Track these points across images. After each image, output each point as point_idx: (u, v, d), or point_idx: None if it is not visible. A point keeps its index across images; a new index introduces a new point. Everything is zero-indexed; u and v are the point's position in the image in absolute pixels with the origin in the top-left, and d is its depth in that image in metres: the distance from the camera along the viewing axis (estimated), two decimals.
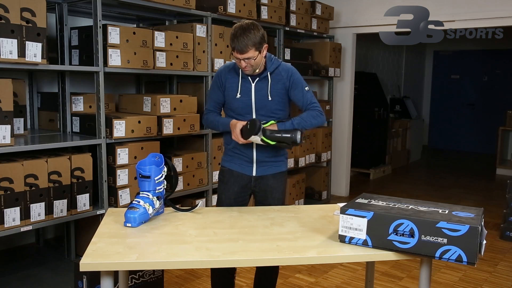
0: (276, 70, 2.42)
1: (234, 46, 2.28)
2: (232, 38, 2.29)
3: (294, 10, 4.78)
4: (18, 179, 2.74)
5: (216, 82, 2.48)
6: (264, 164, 2.45)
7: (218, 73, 2.50)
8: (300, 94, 2.45)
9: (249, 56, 2.28)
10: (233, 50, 2.31)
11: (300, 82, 2.48)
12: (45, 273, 3.37)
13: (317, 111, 2.44)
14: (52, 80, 3.73)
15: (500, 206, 4.84)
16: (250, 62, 2.30)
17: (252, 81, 2.41)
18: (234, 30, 2.28)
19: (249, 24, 2.28)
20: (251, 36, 2.25)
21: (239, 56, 2.29)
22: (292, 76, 2.45)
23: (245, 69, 2.35)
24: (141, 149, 3.38)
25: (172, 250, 1.77)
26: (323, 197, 5.56)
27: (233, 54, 2.32)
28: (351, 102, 5.86)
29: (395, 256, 1.79)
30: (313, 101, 2.46)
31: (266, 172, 2.46)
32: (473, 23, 4.76)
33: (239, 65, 2.36)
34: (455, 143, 9.92)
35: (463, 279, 3.49)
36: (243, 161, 2.45)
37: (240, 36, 2.25)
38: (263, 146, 2.39)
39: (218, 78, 2.48)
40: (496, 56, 9.23)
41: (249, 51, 2.26)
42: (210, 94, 2.54)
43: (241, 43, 2.25)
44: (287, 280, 3.42)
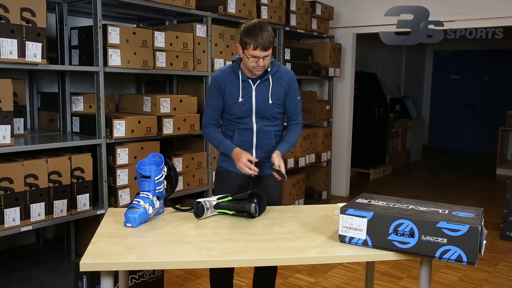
0: (277, 73, 2.39)
1: (258, 43, 2.18)
2: (253, 35, 2.18)
3: (294, 10, 4.78)
4: (18, 179, 2.74)
5: (214, 88, 2.39)
6: (262, 165, 2.43)
7: (216, 79, 2.40)
8: (293, 103, 2.45)
9: (270, 53, 2.23)
10: (254, 49, 2.19)
11: (297, 90, 2.46)
12: (45, 273, 3.37)
13: (300, 126, 2.51)
14: (52, 80, 3.73)
15: (500, 206, 4.84)
16: (266, 61, 2.25)
17: (252, 84, 2.36)
18: (251, 27, 2.20)
19: (261, 21, 2.24)
20: (270, 32, 2.21)
21: (261, 54, 2.21)
22: (292, 83, 2.42)
23: (258, 70, 2.28)
24: (141, 149, 3.38)
25: (172, 250, 1.77)
26: (323, 197, 5.56)
27: (252, 52, 2.21)
28: (351, 102, 5.86)
29: (395, 256, 1.79)
30: (300, 115, 2.50)
31: (264, 172, 2.43)
32: (473, 23, 4.77)
33: (253, 66, 2.26)
34: (455, 143, 9.91)
35: (463, 279, 3.49)
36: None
37: (261, 32, 2.18)
38: (261, 145, 2.40)
39: (216, 83, 2.39)
40: (496, 56, 9.23)
41: (271, 47, 2.21)
42: (208, 102, 2.43)
43: (265, 39, 2.18)
44: (287, 280, 3.42)
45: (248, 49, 2.21)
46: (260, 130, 2.38)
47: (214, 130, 2.43)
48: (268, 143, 2.42)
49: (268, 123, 2.40)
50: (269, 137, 2.42)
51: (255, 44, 2.18)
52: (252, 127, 2.37)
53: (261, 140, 2.40)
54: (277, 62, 2.43)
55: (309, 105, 5.33)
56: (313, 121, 5.39)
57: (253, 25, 2.20)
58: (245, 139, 2.39)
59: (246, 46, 2.22)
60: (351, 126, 5.89)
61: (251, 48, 2.20)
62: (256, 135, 2.38)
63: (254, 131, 2.38)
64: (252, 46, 2.19)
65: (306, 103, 5.34)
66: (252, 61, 2.24)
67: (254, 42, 2.18)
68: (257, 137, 2.39)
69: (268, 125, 2.40)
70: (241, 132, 2.38)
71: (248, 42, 2.20)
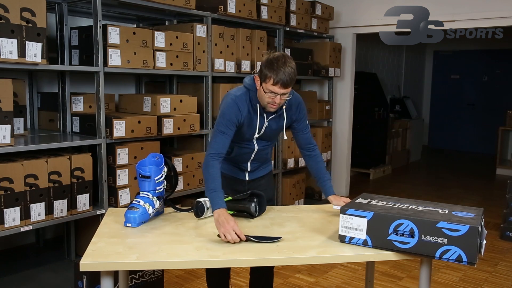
0: (287, 105, 2.26)
1: (279, 79, 2.00)
2: (275, 69, 2.01)
3: (294, 10, 4.78)
4: (18, 179, 2.74)
5: (236, 118, 2.15)
6: (256, 170, 2.45)
7: (237, 109, 2.14)
8: (304, 127, 2.37)
9: (288, 91, 2.08)
10: (274, 84, 2.02)
11: (305, 116, 2.38)
12: (45, 273, 3.37)
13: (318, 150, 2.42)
14: (52, 80, 3.73)
15: (500, 206, 4.84)
16: (283, 98, 2.10)
17: (266, 118, 2.23)
18: (273, 60, 2.03)
19: (285, 55, 2.08)
20: (294, 68, 2.04)
21: (280, 91, 2.04)
22: (301, 111, 2.34)
23: (273, 107, 2.12)
24: (141, 149, 3.38)
25: (172, 250, 1.77)
26: (323, 197, 5.55)
27: (270, 87, 2.04)
28: (351, 102, 5.86)
29: (395, 256, 1.79)
30: (312, 139, 2.42)
31: (257, 175, 2.45)
32: (473, 23, 4.76)
33: (268, 102, 2.10)
34: (455, 143, 9.91)
35: (463, 279, 3.49)
36: (236, 168, 2.42)
37: (284, 66, 2.01)
38: (258, 159, 2.39)
39: (239, 114, 2.15)
40: (496, 56, 9.22)
41: (291, 85, 2.06)
42: (223, 129, 2.14)
43: (288, 76, 2.01)
44: (287, 280, 3.42)
45: (267, 83, 2.05)
46: (260, 150, 2.36)
47: (216, 167, 2.12)
48: (264, 157, 2.44)
49: (268, 143, 2.39)
50: (266, 152, 2.43)
51: (275, 79, 2.01)
52: (253, 147, 2.34)
53: (258, 156, 2.39)
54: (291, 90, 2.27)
55: (309, 105, 5.33)
56: (313, 121, 5.38)
57: (277, 58, 2.04)
58: (244, 155, 2.37)
59: (265, 80, 2.05)
60: (351, 126, 5.89)
61: (270, 82, 2.03)
62: (255, 153, 2.36)
63: (254, 150, 2.35)
64: (272, 81, 2.02)
65: (306, 103, 5.29)
66: (269, 97, 2.08)
67: (275, 77, 2.01)
68: (255, 154, 2.37)
69: (267, 145, 2.39)
70: (241, 149, 2.35)
71: (268, 75, 2.02)
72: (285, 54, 2.11)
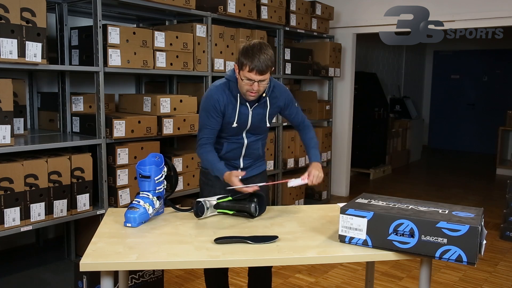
0: (273, 93, 2.30)
1: (254, 65, 2.04)
2: (250, 56, 2.05)
3: (294, 10, 4.78)
4: (18, 179, 2.74)
5: (214, 109, 2.23)
6: (249, 167, 2.44)
7: (216, 98, 2.23)
8: (294, 112, 2.44)
9: (266, 77, 2.11)
10: (250, 71, 2.06)
11: (292, 100, 2.42)
12: (45, 273, 3.37)
13: (310, 125, 2.52)
14: (52, 80, 3.73)
15: (500, 206, 4.84)
16: (261, 86, 2.13)
17: (250, 107, 2.26)
18: (249, 48, 2.07)
19: (262, 42, 2.11)
20: (270, 55, 2.08)
21: (257, 77, 2.08)
22: (287, 98, 2.37)
23: (251, 95, 2.16)
24: (141, 149, 3.38)
25: (172, 250, 1.77)
26: (323, 197, 5.56)
27: (247, 74, 2.08)
28: (351, 102, 5.86)
29: (395, 256, 1.79)
30: (305, 117, 2.51)
31: (250, 174, 2.44)
32: (473, 23, 4.76)
33: (247, 89, 2.14)
34: (455, 143, 9.91)
35: (463, 279, 3.49)
36: (229, 166, 2.40)
37: (259, 53, 2.05)
38: (249, 155, 2.39)
39: (217, 103, 2.23)
40: (496, 56, 9.22)
41: (268, 71, 2.09)
42: (205, 122, 2.26)
43: (263, 62, 2.05)
44: (287, 280, 3.42)
45: (243, 70, 2.08)
46: (250, 144, 2.38)
47: (209, 150, 2.30)
48: (256, 152, 2.44)
49: (258, 137, 2.39)
50: (257, 147, 2.43)
51: (251, 66, 2.05)
52: (242, 142, 2.36)
53: (249, 151, 2.40)
54: (272, 79, 2.32)
55: (309, 105, 5.33)
56: (313, 121, 5.32)
57: (252, 46, 2.08)
58: (234, 150, 2.38)
59: (242, 67, 2.09)
60: (351, 126, 5.89)
61: (246, 69, 2.07)
62: (245, 148, 2.38)
63: (244, 145, 2.37)
64: (248, 68, 2.06)
65: (306, 103, 5.34)
66: (246, 84, 2.12)
67: (250, 64, 2.05)
68: (246, 149, 2.38)
69: (257, 139, 2.40)
70: (230, 145, 2.36)
71: (244, 63, 2.07)
72: (262, 41, 2.14)
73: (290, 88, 5.13)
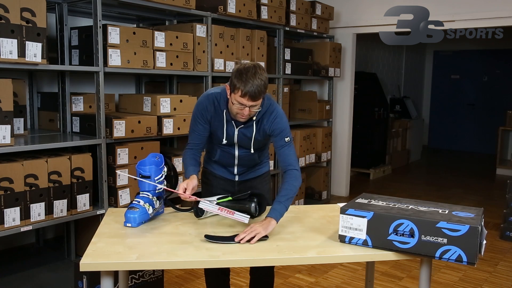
0: (261, 118, 2.18)
1: (246, 91, 1.95)
2: (244, 80, 1.95)
3: (294, 10, 4.78)
4: (18, 179, 2.74)
5: (202, 115, 2.20)
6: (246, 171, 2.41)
7: (205, 106, 2.19)
8: (279, 145, 2.19)
9: (258, 103, 2.03)
10: (242, 96, 1.97)
11: (282, 133, 2.17)
12: (45, 273, 3.37)
13: (297, 173, 2.16)
14: (52, 80, 3.73)
15: (500, 206, 4.84)
16: (253, 110, 2.05)
17: (235, 127, 2.19)
18: (243, 70, 1.97)
19: (256, 66, 2.00)
20: (263, 79, 1.98)
21: (249, 103, 1.99)
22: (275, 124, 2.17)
23: (242, 118, 2.08)
24: (141, 149, 3.38)
25: (172, 250, 1.77)
26: (323, 197, 5.56)
27: (238, 99, 1.99)
28: (351, 102, 5.86)
29: (395, 256, 1.79)
30: (293, 159, 2.19)
31: (248, 176, 2.42)
32: (473, 23, 4.77)
33: (237, 112, 2.06)
34: (455, 143, 9.92)
35: (463, 279, 3.49)
36: (225, 170, 2.41)
37: (253, 78, 1.95)
38: (244, 162, 2.35)
39: (205, 111, 2.19)
40: (496, 56, 9.23)
41: (261, 97, 2.01)
42: (194, 127, 2.25)
43: (256, 88, 1.95)
44: (287, 280, 3.42)
45: (235, 94, 1.99)
46: (242, 156, 2.32)
47: (189, 154, 2.26)
48: (251, 162, 2.38)
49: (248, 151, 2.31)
50: (252, 158, 2.35)
51: (243, 91, 1.96)
52: (233, 153, 2.31)
53: (242, 162, 2.35)
54: (268, 98, 2.18)
55: (309, 105, 5.33)
56: (313, 121, 5.39)
57: (247, 69, 1.97)
58: (226, 159, 2.35)
59: (234, 90, 2.00)
60: (351, 126, 5.89)
61: (238, 94, 1.98)
62: (238, 158, 2.33)
63: (235, 156, 2.32)
64: (240, 93, 1.97)
65: (306, 103, 5.35)
66: (237, 108, 2.04)
67: (243, 89, 1.95)
68: (238, 159, 2.33)
69: (249, 153, 2.32)
70: (223, 153, 2.33)
71: (237, 86, 1.97)
72: (258, 64, 2.03)
73: (290, 88, 5.17)
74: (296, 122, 5.14)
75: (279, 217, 1.99)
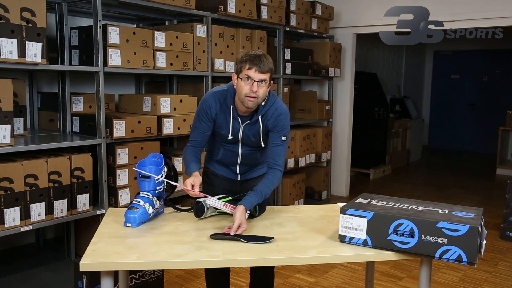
0: (266, 112, 2.23)
1: (254, 64, 2.05)
2: (251, 57, 2.07)
3: (294, 10, 4.78)
4: (18, 179, 2.74)
5: (206, 114, 2.23)
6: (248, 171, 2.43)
7: (209, 104, 2.22)
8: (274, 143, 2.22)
9: (266, 78, 2.08)
10: (249, 68, 2.05)
11: (282, 131, 2.23)
12: (45, 273, 3.37)
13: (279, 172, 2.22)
14: (52, 80, 3.73)
15: (500, 206, 4.84)
16: (261, 89, 2.08)
17: (241, 123, 2.23)
18: (247, 53, 2.10)
19: (264, 53, 2.14)
20: (270, 60, 2.12)
21: (256, 76, 2.05)
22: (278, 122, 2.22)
23: (251, 99, 2.09)
24: (141, 149, 3.38)
25: (172, 250, 1.77)
26: (323, 197, 5.56)
27: (246, 72, 2.06)
28: (351, 102, 5.86)
29: (395, 256, 1.79)
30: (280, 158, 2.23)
31: (250, 176, 2.44)
32: (473, 23, 4.77)
33: (245, 93, 2.08)
34: (455, 143, 9.92)
35: (463, 279, 3.49)
36: (227, 169, 2.42)
37: (260, 56, 2.08)
38: (247, 160, 2.36)
39: (209, 109, 2.22)
40: (496, 56, 9.23)
41: (268, 72, 2.08)
42: (196, 124, 2.28)
43: (263, 62, 2.06)
44: (287, 280, 3.42)
45: (242, 71, 2.07)
46: (245, 154, 2.34)
47: (190, 151, 2.30)
48: (253, 161, 2.40)
49: (252, 149, 2.35)
50: (255, 157, 2.38)
51: (251, 64, 2.05)
52: (236, 151, 2.33)
53: (245, 161, 2.37)
54: (273, 95, 2.26)
55: (309, 105, 5.33)
56: (313, 121, 5.39)
57: (253, 52, 2.12)
58: (229, 158, 2.36)
59: (241, 69, 2.08)
60: (351, 126, 5.89)
61: (246, 67, 2.06)
62: (241, 157, 2.35)
63: (238, 154, 2.34)
64: (248, 65, 2.06)
65: (306, 103, 5.35)
66: (246, 84, 2.07)
67: (250, 63, 2.05)
68: (241, 158, 2.35)
69: (254, 150, 2.36)
70: (226, 152, 2.35)
71: (244, 62, 2.08)
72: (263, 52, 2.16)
73: (290, 88, 5.17)
74: (296, 122, 5.14)
75: (250, 207, 2.07)
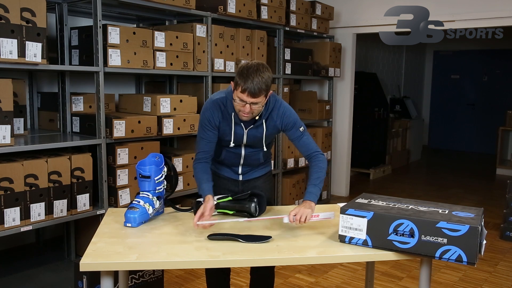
0: (270, 115, 2.22)
1: (246, 87, 1.99)
2: (244, 76, 2.00)
3: (294, 10, 4.78)
4: (18, 179, 2.74)
5: (209, 122, 2.21)
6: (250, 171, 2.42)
7: (210, 113, 2.20)
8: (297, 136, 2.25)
9: (259, 101, 2.05)
10: (242, 92, 2.01)
11: (296, 124, 2.24)
12: (45, 273, 3.37)
13: (321, 156, 2.25)
14: (52, 80, 3.73)
15: (500, 206, 4.84)
16: (254, 108, 2.07)
17: (244, 128, 2.21)
18: (245, 68, 2.02)
19: (260, 64, 2.05)
20: (265, 77, 2.01)
21: (249, 100, 2.02)
22: (286, 120, 2.23)
23: (244, 116, 2.09)
24: (141, 149, 3.38)
25: (172, 250, 1.77)
26: (323, 197, 5.56)
27: (239, 94, 2.03)
28: (351, 102, 5.86)
29: (395, 256, 1.79)
30: (313, 144, 2.27)
31: (252, 176, 2.43)
32: (473, 23, 4.77)
33: (239, 109, 2.08)
34: (455, 143, 9.92)
35: (463, 279, 3.49)
36: (229, 169, 2.41)
37: (254, 75, 1.99)
38: (249, 161, 2.35)
39: (211, 118, 2.20)
40: (496, 56, 9.22)
41: (261, 95, 2.03)
42: (202, 134, 2.24)
43: (256, 84, 1.98)
44: (287, 280, 3.42)
45: (237, 90, 2.04)
46: (248, 155, 2.34)
47: (200, 168, 2.23)
48: (256, 162, 2.40)
49: (255, 150, 2.34)
50: (257, 158, 2.38)
51: (243, 87, 2.00)
52: (240, 153, 2.32)
53: (248, 161, 2.37)
54: (273, 96, 2.21)
55: (309, 105, 5.33)
56: (313, 121, 5.39)
57: (249, 66, 2.02)
58: (232, 159, 2.35)
59: (236, 86, 2.05)
60: (351, 126, 5.89)
61: (239, 90, 2.02)
62: (244, 158, 2.34)
63: (241, 156, 2.33)
64: (240, 88, 2.01)
65: (306, 103, 5.34)
66: (238, 104, 2.06)
67: (243, 85, 1.99)
68: (244, 159, 2.35)
69: (257, 151, 2.35)
70: (229, 153, 2.34)
71: (238, 83, 2.02)
72: (262, 63, 2.07)
73: (290, 88, 5.17)
74: None
75: (316, 198, 2.13)
